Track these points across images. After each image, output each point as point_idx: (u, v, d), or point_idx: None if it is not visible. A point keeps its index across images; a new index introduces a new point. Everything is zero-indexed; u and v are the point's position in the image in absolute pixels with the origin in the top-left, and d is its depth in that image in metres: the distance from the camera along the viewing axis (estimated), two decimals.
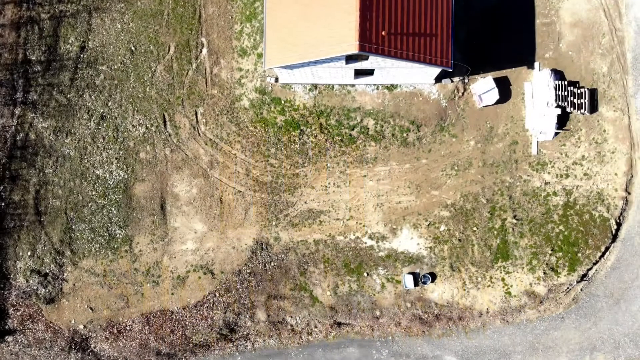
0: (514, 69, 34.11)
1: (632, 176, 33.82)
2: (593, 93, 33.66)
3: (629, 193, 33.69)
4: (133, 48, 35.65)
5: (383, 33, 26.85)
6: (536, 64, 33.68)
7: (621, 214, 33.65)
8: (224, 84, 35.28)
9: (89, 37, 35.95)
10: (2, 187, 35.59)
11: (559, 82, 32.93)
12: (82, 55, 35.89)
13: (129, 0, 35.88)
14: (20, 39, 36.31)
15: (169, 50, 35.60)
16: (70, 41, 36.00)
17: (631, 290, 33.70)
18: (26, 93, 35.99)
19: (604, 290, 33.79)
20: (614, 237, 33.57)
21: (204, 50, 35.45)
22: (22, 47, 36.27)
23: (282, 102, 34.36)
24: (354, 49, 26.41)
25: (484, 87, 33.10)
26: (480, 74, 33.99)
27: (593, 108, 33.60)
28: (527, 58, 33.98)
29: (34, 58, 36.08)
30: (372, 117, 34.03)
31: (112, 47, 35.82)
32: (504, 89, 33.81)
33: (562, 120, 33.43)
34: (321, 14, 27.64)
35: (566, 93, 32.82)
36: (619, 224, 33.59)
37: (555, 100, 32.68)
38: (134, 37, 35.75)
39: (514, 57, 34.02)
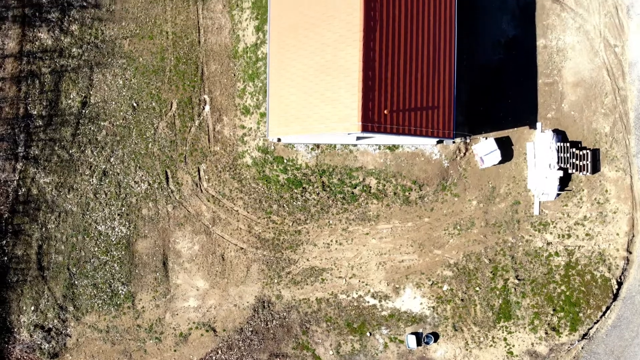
0: (516, 129, 34.09)
1: (633, 235, 33.88)
2: (595, 153, 33.67)
3: (630, 252, 33.77)
4: (135, 104, 35.61)
5: (385, 111, 26.85)
6: (538, 124, 33.68)
7: (622, 273, 33.74)
8: (227, 141, 35.27)
9: (91, 93, 35.91)
10: (5, 242, 35.67)
11: (561, 144, 32.93)
12: (83, 111, 35.87)
13: (131, 56, 35.82)
14: (21, 93, 36.30)
15: (171, 107, 35.56)
16: (71, 96, 35.97)
17: (631, 347, 33.82)
18: (28, 148, 36.00)
19: (605, 348, 33.93)
20: (615, 296, 33.68)
21: (207, 108, 35.42)
22: (23, 101, 36.26)
23: (285, 160, 34.36)
24: (356, 129, 26.41)
25: (486, 149, 33.12)
26: (482, 133, 34.00)
27: (595, 168, 33.62)
28: (529, 118, 33.97)
29: (35, 112, 36.07)
30: (374, 176, 34.05)
31: (114, 102, 35.79)
32: (506, 149, 33.83)
33: (565, 181, 33.47)
34: (324, 89, 27.63)
35: (568, 155, 32.83)
36: (619, 283, 33.70)
37: (558, 163, 32.70)
38: (136, 93, 35.71)
39: (516, 117, 34.02)
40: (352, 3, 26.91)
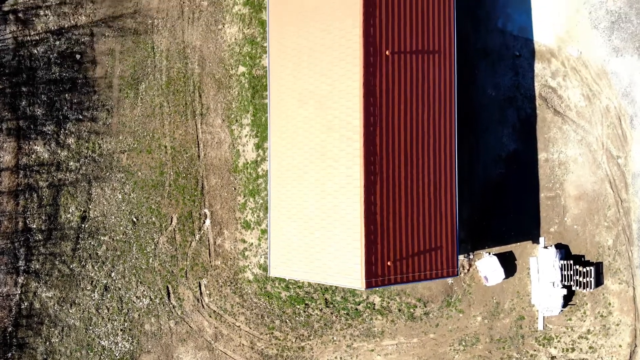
0: (518, 243, 33.92)
1: (636, 346, 33.86)
2: (598, 267, 33.55)
3: None
4: (135, 219, 35.36)
5: (389, 263, 26.68)
6: (541, 239, 33.51)
7: None
8: (228, 255, 35.08)
9: (90, 207, 35.65)
10: (9, 355, 35.61)
11: (564, 262, 32.79)
12: (83, 225, 35.64)
13: (129, 171, 35.51)
14: (19, 207, 36.03)
15: (171, 221, 35.32)
16: (70, 210, 35.71)
17: None
18: (28, 262, 35.82)
19: None
20: None
21: (207, 222, 35.18)
22: (22, 215, 36.01)
23: (286, 279, 34.20)
24: (360, 286, 26.25)
25: (489, 267, 32.98)
26: (485, 248, 33.83)
27: (598, 282, 33.51)
28: (531, 232, 33.78)
29: (34, 226, 35.84)
30: (377, 294, 33.93)
31: (113, 217, 35.54)
32: (510, 264, 33.68)
33: (568, 296, 33.37)
34: (325, 237, 27.44)
35: (572, 272, 32.70)
36: None
37: (561, 281, 32.59)
38: (136, 208, 35.45)
39: (519, 232, 33.83)
40: (352, 156, 26.63)
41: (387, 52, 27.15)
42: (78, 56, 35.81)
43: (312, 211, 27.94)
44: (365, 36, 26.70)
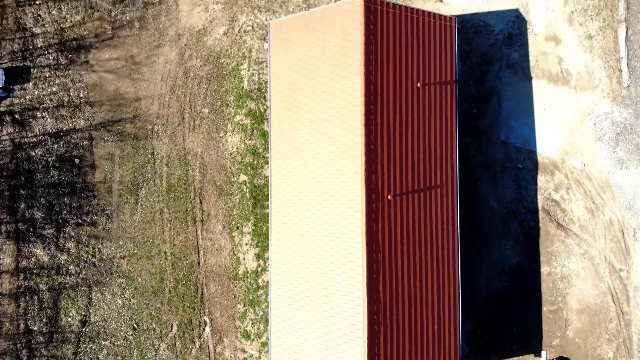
0: (521, 357, 33.88)
1: None
2: None
3: None
4: (135, 325, 35.29)
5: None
6: (543, 353, 33.45)
7: None
8: None
9: (90, 311, 35.56)
10: None
11: None
12: (84, 329, 35.58)
13: (129, 276, 35.37)
14: (20, 309, 35.95)
15: (171, 328, 35.24)
16: (71, 314, 35.63)
17: None
18: None
19: None
20: None
21: (207, 329, 35.10)
22: (23, 317, 35.94)
23: None
24: None
25: None
26: None
27: None
28: (534, 346, 33.73)
29: (35, 329, 35.78)
30: None
31: (114, 322, 35.46)
32: None
33: None
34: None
35: None
36: None
37: None
38: (136, 314, 35.36)
39: (521, 345, 33.77)
40: (355, 304, 26.51)
41: (389, 197, 26.89)
42: (77, 160, 35.49)
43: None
44: (367, 183, 26.44)
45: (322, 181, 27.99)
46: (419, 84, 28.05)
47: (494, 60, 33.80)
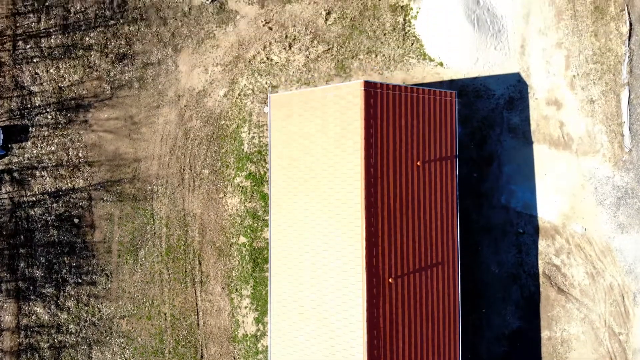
0: None
1: None
2: None
3: None
4: None
5: None
6: None
7: None
8: None
9: None
10: None
11: None
12: None
13: (129, 336, 35.36)
14: None
15: None
16: None
17: None
18: None
19: None
20: None
21: None
22: None
23: None
24: None
25: None
26: None
27: None
28: None
29: None
30: None
31: None
32: None
33: None
34: None
35: None
36: None
37: None
38: None
39: None
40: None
41: (390, 280, 26.82)
42: (76, 220, 35.39)
43: None
44: (368, 268, 26.36)
45: (322, 260, 27.91)
46: (419, 163, 27.89)
47: (494, 124, 33.62)
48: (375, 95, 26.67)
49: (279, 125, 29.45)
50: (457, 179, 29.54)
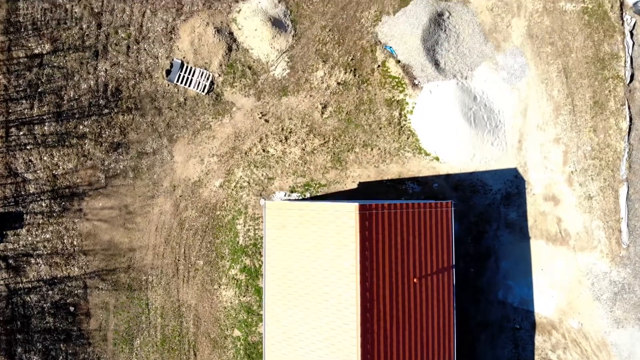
0: None
1: None
2: None
3: None
4: None
5: None
6: None
7: None
8: None
9: None
10: None
11: None
12: None
13: None
14: None
15: None
16: None
17: None
18: None
19: None
20: None
21: None
22: None
23: None
24: None
25: None
26: None
27: None
28: None
29: None
30: None
31: None
32: None
33: None
34: None
35: None
36: None
37: None
38: None
39: None
40: None
41: None
42: (72, 308, 35.27)
43: None
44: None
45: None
46: (415, 280, 27.74)
47: (491, 219, 33.42)
48: (370, 217, 26.46)
49: (274, 234, 29.24)
50: (454, 289, 29.38)
